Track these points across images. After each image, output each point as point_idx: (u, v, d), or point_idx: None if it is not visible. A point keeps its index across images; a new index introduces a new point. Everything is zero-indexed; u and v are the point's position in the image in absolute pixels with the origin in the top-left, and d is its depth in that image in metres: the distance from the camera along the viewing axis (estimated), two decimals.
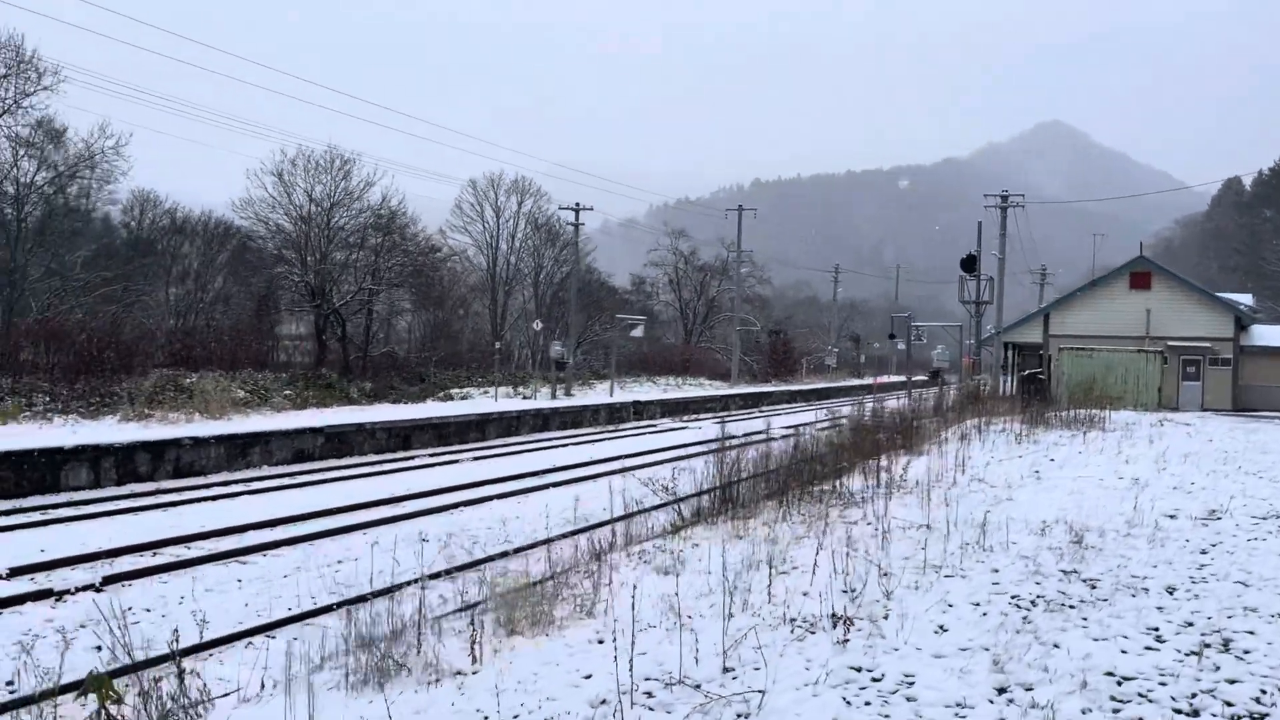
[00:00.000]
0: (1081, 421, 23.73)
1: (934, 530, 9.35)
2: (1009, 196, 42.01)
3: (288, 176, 49.36)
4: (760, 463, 13.75)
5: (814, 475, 12.91)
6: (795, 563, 8.19)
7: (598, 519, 12.50)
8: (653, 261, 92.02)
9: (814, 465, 14.26)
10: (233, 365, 40.45)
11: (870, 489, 12.78)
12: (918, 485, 12.65)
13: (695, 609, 6.65)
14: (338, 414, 29.85)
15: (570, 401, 40.22)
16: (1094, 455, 16.45)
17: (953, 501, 11.25)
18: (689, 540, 9.59)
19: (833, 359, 75.46)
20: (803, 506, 11.24)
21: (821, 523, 10.21)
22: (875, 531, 9.38)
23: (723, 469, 11.78)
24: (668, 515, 11.48)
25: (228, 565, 12.67)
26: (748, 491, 12.19)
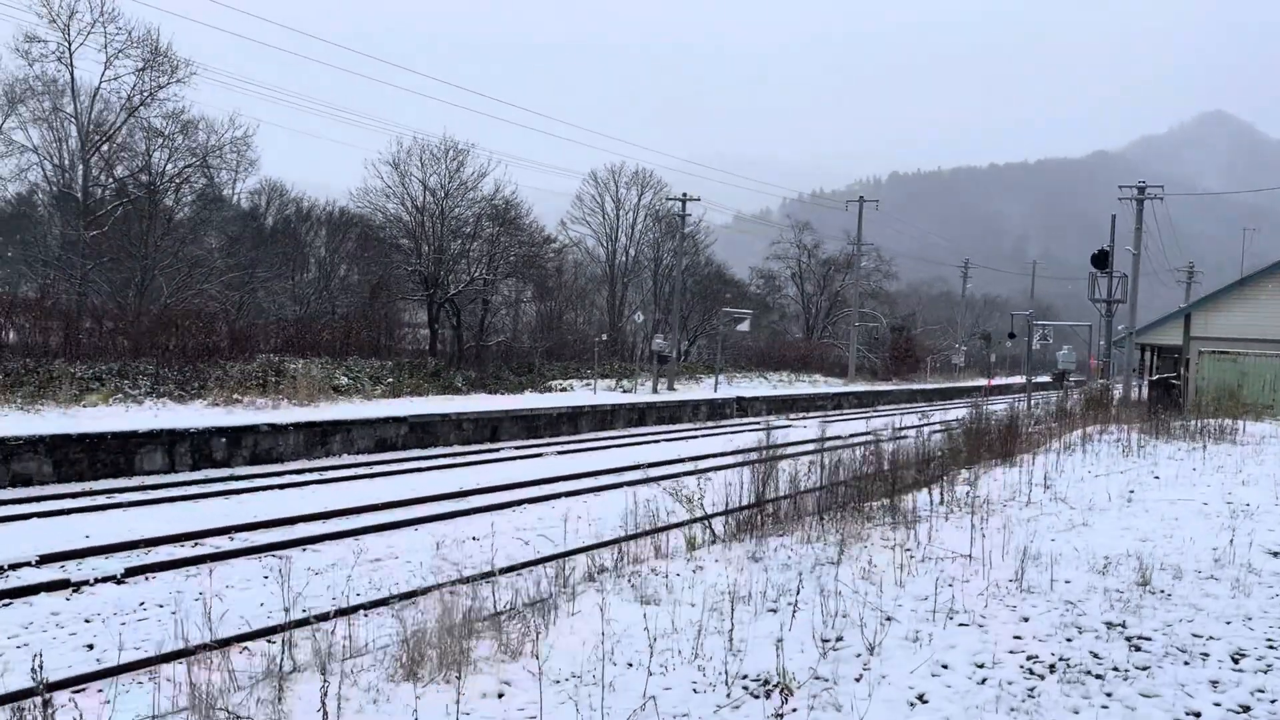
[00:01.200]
0: (1209, 433, 21.54)
1: (974, 562, 8.10)
2: (1146, 188, 39.09)
3: (403, 166, 49.97)
4: (826, 472, 12.58)
5: (870, 491, 11.67)
6: (795, 596, 7.09)
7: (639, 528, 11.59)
8: (775, 255, 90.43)
9: (871, 482, 13.03)
10: (342, 352, 41.07)
11: (934, 506, 11.50)
12: (985, 504, 11.30)
13: (640, 656, 5.68)
14: (429, 403, 29.71)
15: (671, 396, 39.33)
16: (1209, 474, 14.63)
17: (1016, 526, 9.90)
18: (696, 562, 8.57)
19: (960, 357, 72.44)
20: (846, 526, 10.07)
21: (857, 545, 9.06)
22: (905, 561, 8.18)
23: (761, 480, 10.68)
24: (698, 530, 10.47)
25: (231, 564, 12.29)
26: (789, 507, 11.07)
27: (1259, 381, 36.11)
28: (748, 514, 10.25)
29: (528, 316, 65.46)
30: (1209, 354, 37.90)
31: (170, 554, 12.94)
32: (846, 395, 50.54)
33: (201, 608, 9.75)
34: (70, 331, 32.85)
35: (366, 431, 24.48)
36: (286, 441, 22.40)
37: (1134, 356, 45.93)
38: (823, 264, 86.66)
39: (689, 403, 38.34)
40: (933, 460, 16.45)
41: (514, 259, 55.34)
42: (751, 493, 11.22)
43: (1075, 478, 13.94)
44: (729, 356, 75.50)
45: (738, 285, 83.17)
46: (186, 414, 22.60)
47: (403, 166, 49.83)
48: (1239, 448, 19.67)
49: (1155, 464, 15.83)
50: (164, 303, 43.10)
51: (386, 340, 50.57)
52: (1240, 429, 23.17)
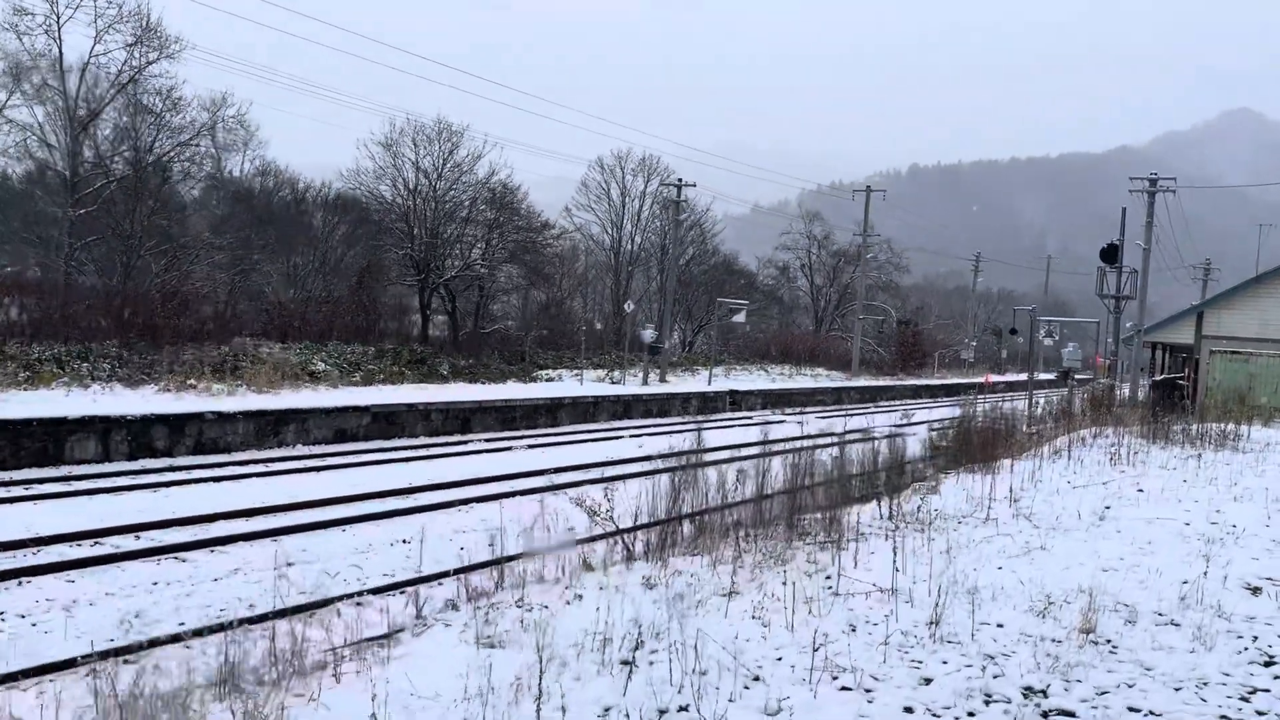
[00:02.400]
0: (1210, 439, 20.21)
1: (895, 598, 6.90)
2: (1158, 180, 37.59)
3: (395, 147, 48.89)
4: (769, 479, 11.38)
5: (813, 502, 10.48)
6: (664, 638, 5.92)
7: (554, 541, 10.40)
8: (784, 245, 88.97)
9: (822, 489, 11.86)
10: (324, 337, 40.06)
11: (882, 521, 10.30)
12: (939, 520, 10.10)
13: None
14: (400, 392, 28.62)
15: (661, 389, 38.14)
16: (1199, 486, 13.36)
17: (963, 549, 8.70)
18: (578, 589, 7.40)
19: (970, 353, 70.88)
20: (774, 546, 8.89)
21: (774, 571, 7.88)
22: (817, 593, 6.99)
23: (672, 494, 9.47)
24: (602, 548, 9.30)
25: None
26: (720, 521, 9.88)
27: (1271, 384, 34.67)
28: (660, 531, 9.06)
29: (526, 305, 64.39)
30: (1220, 354, 36.47)
31: (61, 554, 11.87)
32: (848, 390, 49.21)
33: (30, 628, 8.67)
34: (37, 310, 31.96)
35: (324, 421, 23.39)
36: (235, 431, 21.33)
37: (1143, 355, 44.46)
38: (833, 255, 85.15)
39: (679, 396, 37.14)
40: (904, 466, 15.27)
41: (511, 244, 54.23)
42: (685, 503, 10.05)
43: (1051, 489, 12.70)
44: (735, 349, 74.27)
45: (746, 276, 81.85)
46: (132, 399, 21.57)
47: (395, 147, 48.81)
48: (1240, 455, 18.36)
49: (1144, 474, 14.56)
50: (150, 283, 42.22)
51: (376, 325, 49.59)
52: (1245, 434, 21.83)
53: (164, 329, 31.39)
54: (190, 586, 10.25)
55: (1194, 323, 39.40)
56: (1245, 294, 38.73)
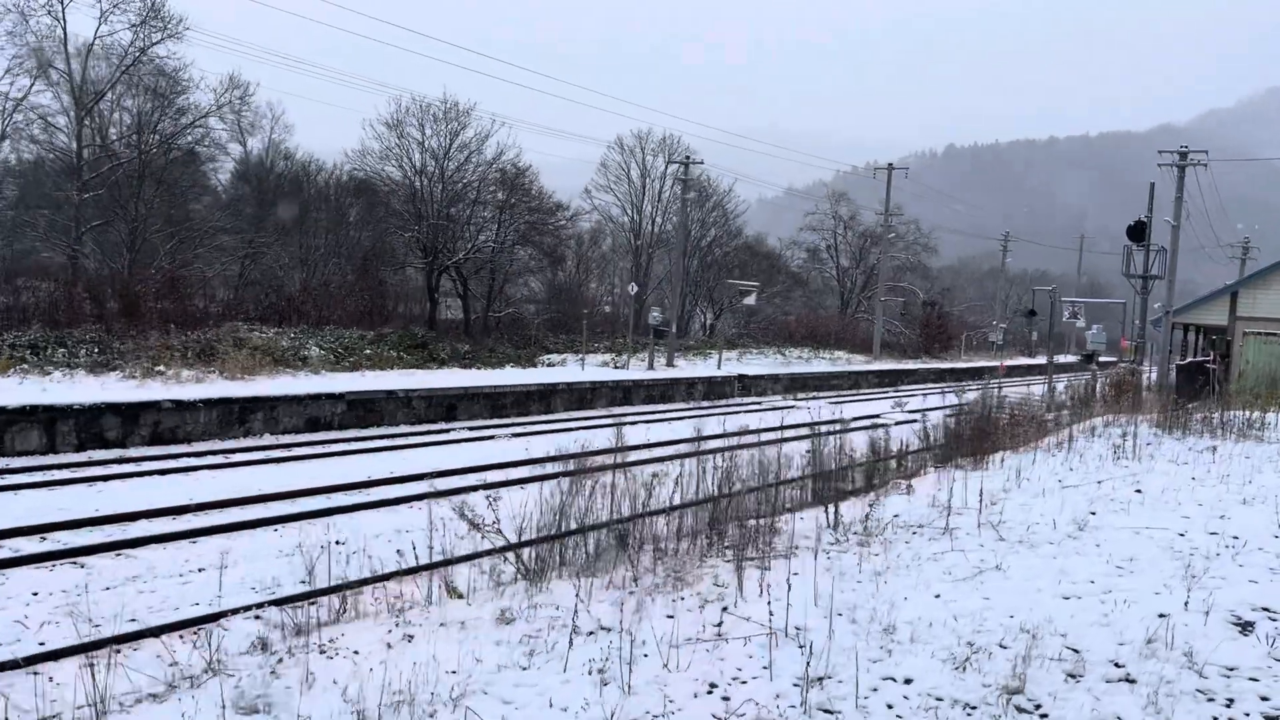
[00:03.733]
0: (1233, 428, 18.63)
1: (785, 642, 5.61)
2: (1188, 153, 35.66)
3: (401, 127, 47.80)
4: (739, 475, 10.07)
5: (753, 509, 9.18)
6: (464, 703, 4.68)
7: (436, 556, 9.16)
8: (809, 226, 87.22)
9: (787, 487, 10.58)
10: (322, 321, 39.17)
11: (829, 529, 8.99)
12: (890, 530, 8.77)
13: None
14: (383, 378, 27.52)
15: (666, 373, 36.84)
16: (1209, 485, 11.90)
17: (903, 570, 7.38)
18: (410, 627, 6.17)
19: (998, 335, 68.84)
20: (682, 563, 7.62)
21: (667, 596, 6.62)
22: (697, 632, 5.72)
23: (559, 504, 8.20)
24: (489, 564, 8.08)
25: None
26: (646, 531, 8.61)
27: None
28: (553, 546, 7.81)
29: (543, 287, 63.28)
30: (1254, 336, 34.60)
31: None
32: (866, 374, 47.63)
33: None
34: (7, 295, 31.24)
35: (294, 409, 22.34)
36: (195, 420, 20.32)
37: (1173, 336, 42.52)
38: (859, 237, 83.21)
39: (684, 381, 35.81)
40: (885, 461, 13.95)
41: (523, 225, 53.05)
42: (601, 511, 8.80)
43: (1035, 490, 11.31)
44: (756, 331, 72.71)
45: (770, 258, 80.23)
46: (89, 388, 20.61)
47: (400, 127, 47.72)
48: (1263, 447, 16.78)
49: (1148, 471, 13.10)
50: (156, 266, 41.54)
51: (382, 309, 48.65)
52: (1273, 423, 20.20)
53: (150, 314, 30.59)
54: None
55: (1228, 303, 37.51)
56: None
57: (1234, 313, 37.03)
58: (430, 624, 6.09)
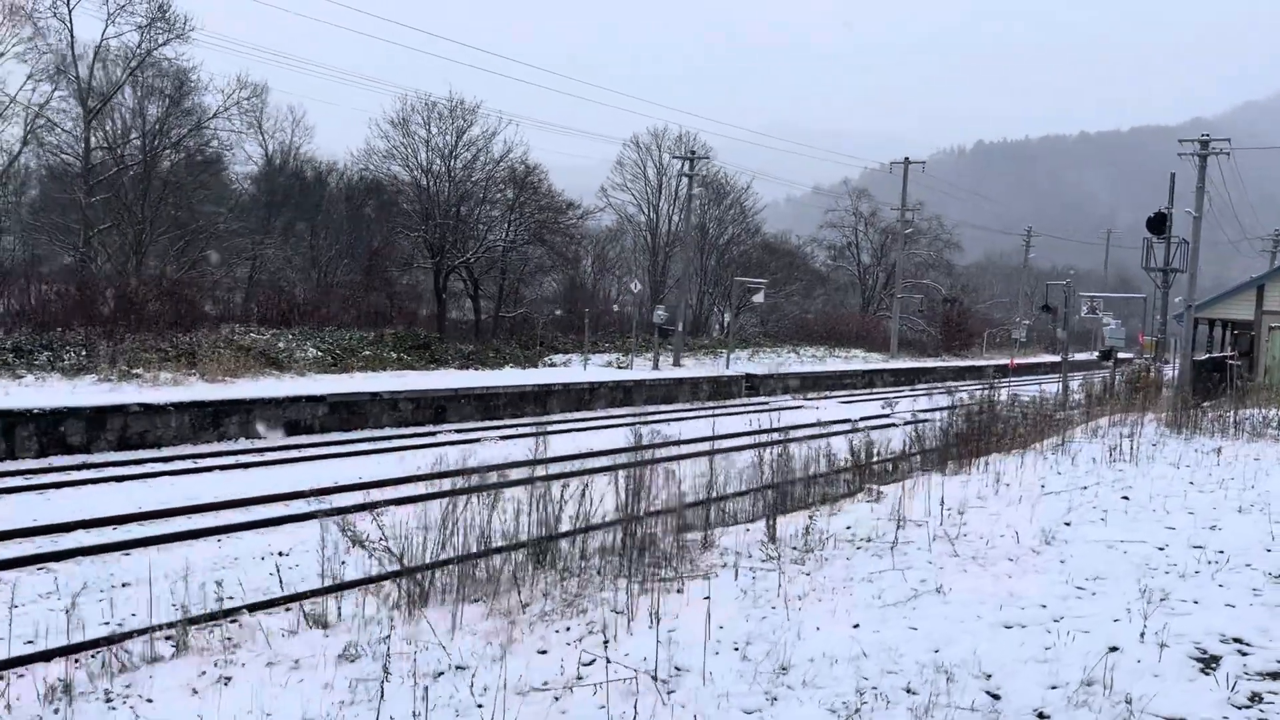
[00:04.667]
0: (1246, 427, 17.59)
1: (644, 692, 4.79)
2: (1210, 141, 34.37)
3: (408, 126, 47.25)
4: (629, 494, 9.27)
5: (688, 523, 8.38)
6: None
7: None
8: (830, 223, 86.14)
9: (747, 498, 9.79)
10: (322, 322, 38.70)
11: (768, 544, 8.17)
12: (830, 544, 7.94)
13: None
14: (373, 379, 26.89)
15: (671, 373, 36.01)
16: (1205, 491, 10.95)
17: (823, 594, 6.54)
18: (225, 670, 5.40)
19: (1021, 332, 67.37)
20: (583, 587, 6.83)
21: (541, 630, 5.83)
22: (549, 682, 4.92)
23: (446, 523, 7.39)
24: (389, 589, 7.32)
25: None
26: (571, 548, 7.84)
27: None
28: (459, 569, 7.02)
29: (557, 286, 62.66)
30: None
31: None
32: (881, 372, 46.57)
33: None
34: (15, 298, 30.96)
35: (272, 413, 21.72)
36: (166, 424, 19.73)
37: (1197, 332, 41.15)
38: (881, 233, 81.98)
39: (688, 381, 34.99)
40: (861, 466, 13.11)
41: (533, 224, 52.40)
42: (622, 507, 8.01)
43: (1012, 497, 10.41)
44: (773, 330, 71.70)
45: (789, 255, 79.23)
46: (58, 391, 20.09)
47: (406, 126, 47.16)
48: (1275, 448, 15.76)
49: (1144, 474, 12.15)
50: (162, 269, 41.30)
51: (389, 309, 48.16)
52: None
53: (145, 317, 30.12)
54: None
55: (1254, 296, 36.22)
56: None
57: (1260, 306, 35.73)
58: (258, 663, 5.34)
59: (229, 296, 43.92)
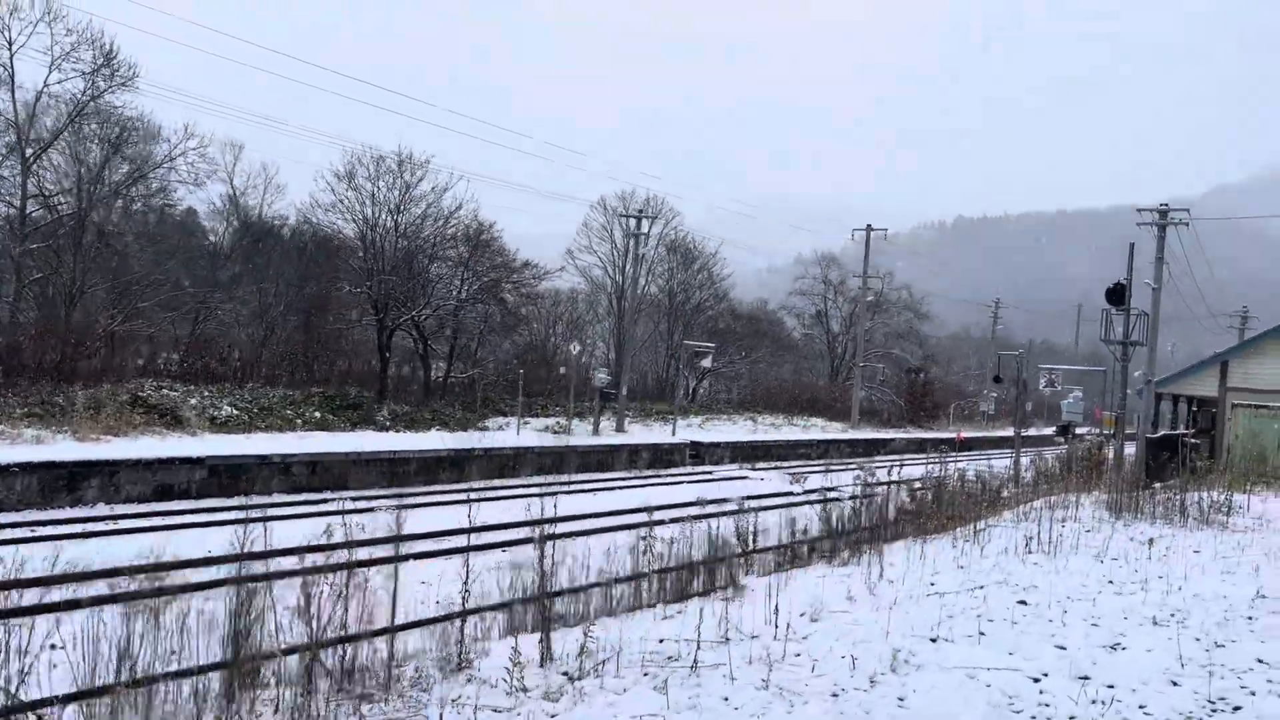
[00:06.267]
0: (1195, 511, 15.92)
1: None
2: (1169, 212, 33.31)
3: (354, 179, 45.81)
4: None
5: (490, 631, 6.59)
6: None
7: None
8: (799, 291, 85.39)
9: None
10: (245, 378, 36.93)
11: (538, 669, 6.37)
12: (610, 663, 6.16)
13: None
14: (274, 441, 25.01)
15: (610, 439, 34.24)
16: (1124, 593, 9.24)
17: None
18: None
19: (989, 405, 66.02)
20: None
21: None
22: None
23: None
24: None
25: None
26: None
27: None
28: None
29: (512, 348, 60.95)
30: (1244, 408, 31.93)
31: None
32: (838, 443, 44.88)
33: None
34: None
35: (140, 476, 19.79)
36: (10, 487, 17.78)
37: (1160, 407, 39.71)
38: (850, 302, 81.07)
39: (628, 448, 33.20)
40: (734, 557, 11.37)
41: (487, 283, 50.91)
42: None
43: (889, 599, 8.66)
44: (735, 396, 70.15)
45: (754, 321, 78.20)
46: None
47: (352, 179, 45.71)
48: (1225, 536, 14.11)
49: (1058, 570, 10.43)
50: (93, 323, 39.51)
51: (331, 366, 46.37)
52: (1245, 506, 17.51)
53: (19, 369, 28.21)
54: None
55: (1218, 372, 34.92)
56: (1274, 341, 34.21)
57: (1224, 383, 34.43)
58: None
59: (164, 351, 42.10)
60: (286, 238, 55.08)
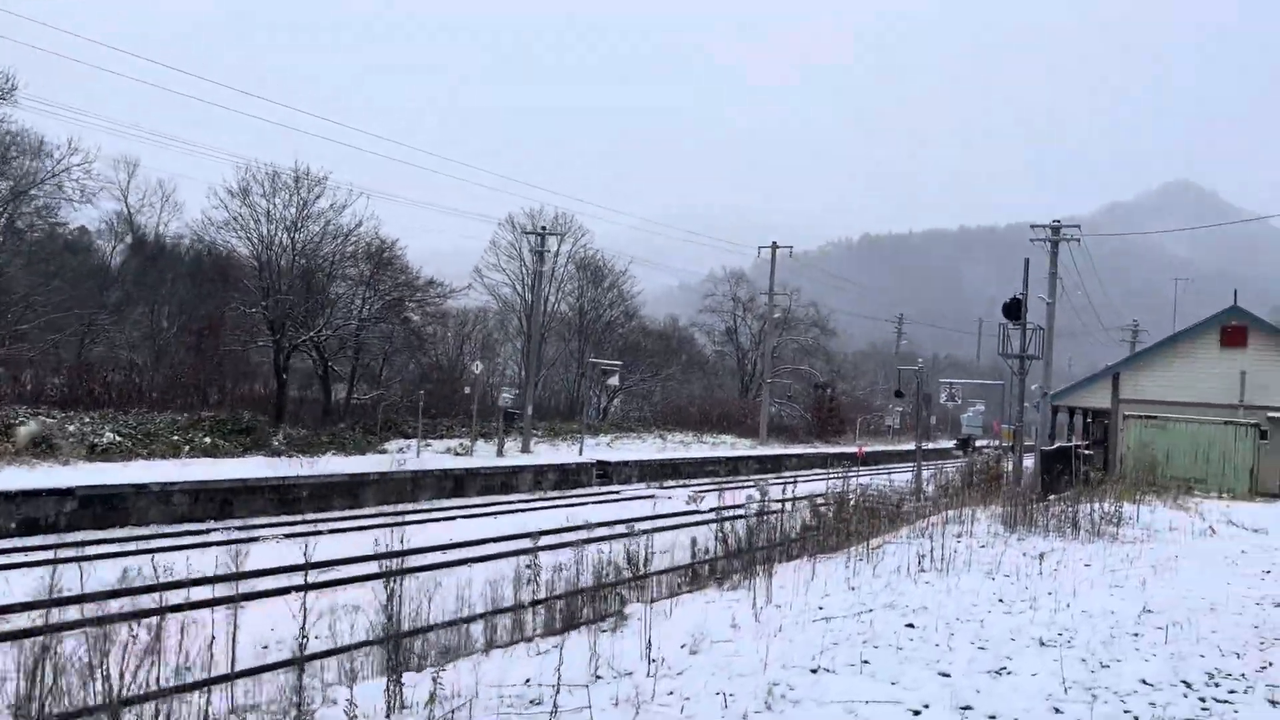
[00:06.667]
0: (1086, 525, 16.01)
1: None
2: (1061, 228, 34.03)
3: (249, 196, 44.41)
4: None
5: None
6: None
7: None
8: (708, 308, 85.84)
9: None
10: (128, 404, 35.37)
11: (395, 713, 5.83)
12: (460, 712, 5.66)
13: None
14: (151, 469, 23.84)
15: (515, 460, 33.57)
16: (1016, 610, 9.07)
17: None
18: None
19: (895, 419, 66.90)
20: None
21: None
22: None
23: None
24: None
25: None
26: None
27: (1190, 451, 30.86)
28: None
29: (417, 369, 59.73)
30: (1136, 419, 32.66)
31: None
32: (746, 459, 44.86)
33: None
34: None
35: (3, 508, 18.56)
36: None
37: (1057, 419, 40.55)
38: (759, 319, 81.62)
39: (533, 469, 32.57)
40: (610, 585, 10.95)
41: (390, 301, 49.79)
42: None
43: (773, 627, 8.30)
44: (646, 415, 69.90)
45: (664, 338, 78.27)
46: None
47: (247, 195, 44.29)
48: (1115, 548, 14.16)
49: (950, 589, 10.21)
50: None
51: (226, 391, 44.80)
52: (1135, 516, 17.71)
53: None
54: None
55: (1110, 385, 35.76)
56: (1162, 353, 35.20)
57: (1116, 395, 35.27)
58: None
59: (48, 376, 40.12)
60: (181, 256, 53.36)
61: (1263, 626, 8.98)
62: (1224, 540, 16.01)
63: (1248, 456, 30.43)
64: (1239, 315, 33.50)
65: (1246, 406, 32.22)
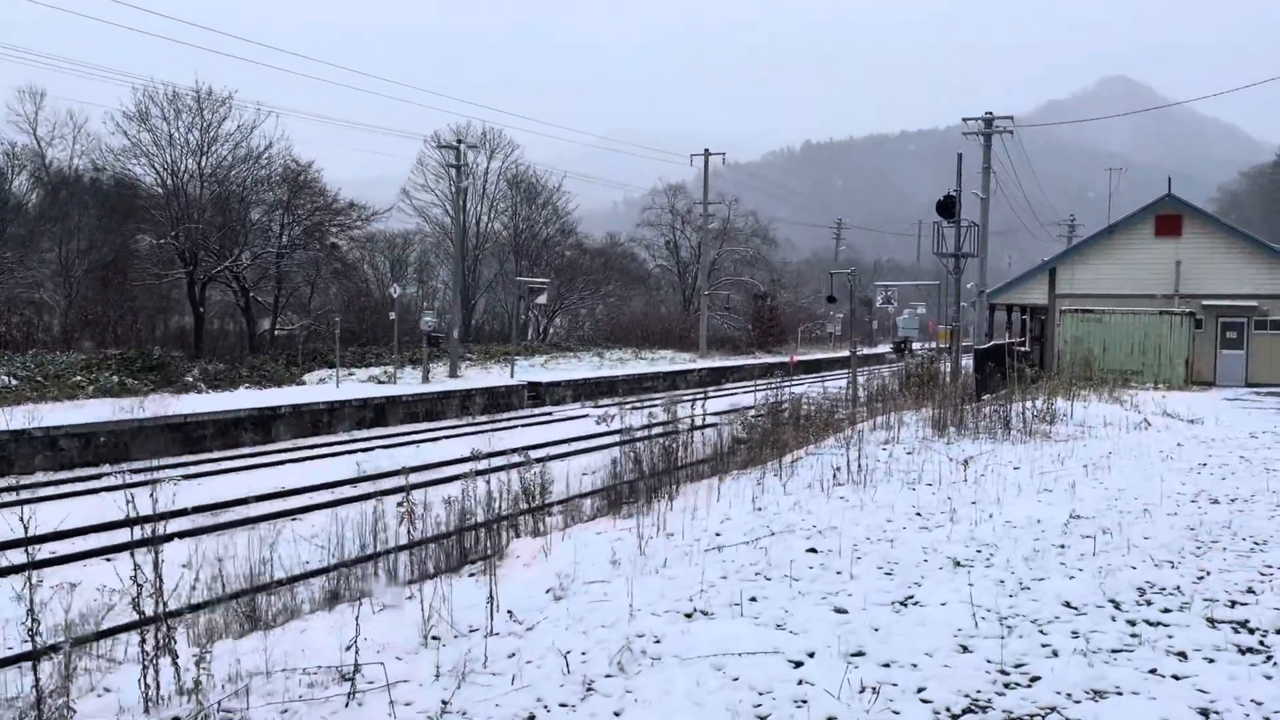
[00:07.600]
0: (1017, 423, 15.27)
1: None
2: (994, 119, 33.01)
3: (149, 120, 42.00)
4: None
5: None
6: None
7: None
8: (647, 222, 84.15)
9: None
10: (24, 345, 33.55)
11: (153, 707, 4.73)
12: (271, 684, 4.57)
13: None
14: (36, 412, 22.25)
15: (441, 386, 32.31)
16: (933, 525, 8.18)
17: None
18: None
19: (835, 326, 66.42)
20: None
21: None
22: None
23: None
24: None
25: None
26: None
27: (1125, 343, 30.46)
28: None
29: (342, 295, 57.89)
30: (1072, 314, 32.17)
31: None
32: (686, 374, 43.96)
33: None
34: None
35: None
36: None
37: (994, 318, 40.09)
38: (698, 231, 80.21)
39: (458, 394, 31.36)
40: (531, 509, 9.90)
41: (309, 226, 47.85)
42: None
43: (659, 560, 7.31)
44: (583, 334, 68.78)
45: (603, 255, 76.67)
46: None
47: (147, 120, 41.89)
48: (1051, 445, 13.44)
49: (864, 503, 9.32)
50: None
51: (132, 327, 42.79)
52: (1069, 413, 17.03)
53: None
54: None
55: (1047, 280, 35.19)
56: (1098, 246, 34.62)
57: (1053, 290, 34.73)
58: None
59: None
60: (87, 189, 50.62)
61: (1199, 528, 8.19)
62: (1159, 433, 15.38)
63: (1183, 346, 30.12)
64: (1173, 204, 32.93)
65: (1182, 296, 31.87)
